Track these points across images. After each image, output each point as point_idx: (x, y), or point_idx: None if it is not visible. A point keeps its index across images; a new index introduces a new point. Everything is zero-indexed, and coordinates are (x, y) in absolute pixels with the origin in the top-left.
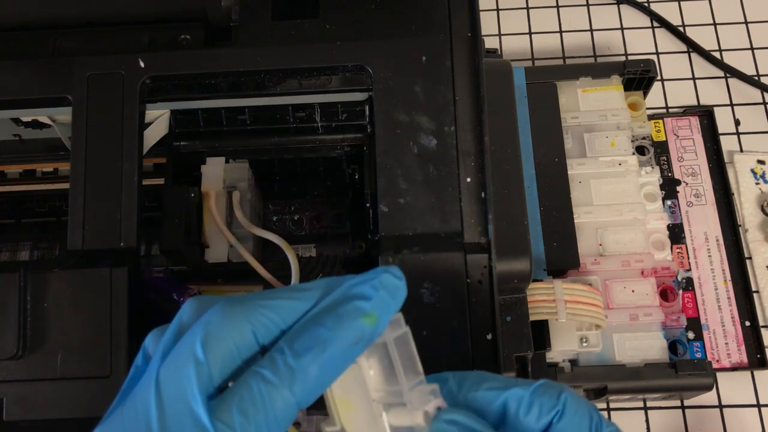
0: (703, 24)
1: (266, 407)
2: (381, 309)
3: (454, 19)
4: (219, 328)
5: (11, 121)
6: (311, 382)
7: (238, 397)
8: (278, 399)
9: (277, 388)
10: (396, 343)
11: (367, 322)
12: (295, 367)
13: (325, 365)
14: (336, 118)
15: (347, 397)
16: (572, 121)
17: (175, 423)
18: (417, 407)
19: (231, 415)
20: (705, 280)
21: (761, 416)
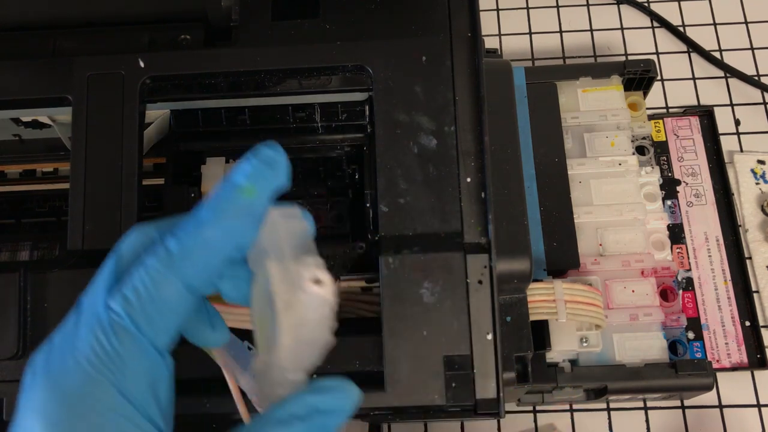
0: (703, 24)
1: (148, 289)
2: (257, 179)
3: (454, 19)
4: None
5: (11, 121)
6: (196, 263)
7: (121, 289)
8: (159, 279)
9: (156, 268)
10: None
11: (244, 194)
12: (174, 250)
13: (207, 244)
14: (336, 118)
15: (262, 314)
16: (572, 121)
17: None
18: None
19: (117, 303)
20: (705, 280)
21: (761, 416)
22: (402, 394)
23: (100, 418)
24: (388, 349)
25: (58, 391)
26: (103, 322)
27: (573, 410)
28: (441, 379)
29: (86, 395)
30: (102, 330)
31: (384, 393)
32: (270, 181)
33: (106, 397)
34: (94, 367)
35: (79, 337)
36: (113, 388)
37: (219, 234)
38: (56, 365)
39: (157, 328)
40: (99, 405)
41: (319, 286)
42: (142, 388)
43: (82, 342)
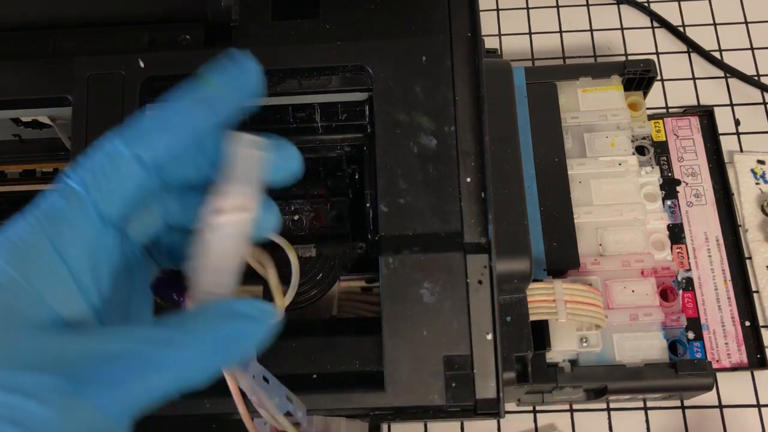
0: (703, 24)
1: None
2: (221, 74)
3: (454, 19)
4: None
5: (11, 121)
6: (150, 139)
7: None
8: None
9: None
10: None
11: (206, 85)
12: (132, 126)
13: (163, 123)
14: (336, 118)
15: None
16: (572, 121)
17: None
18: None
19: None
20: (705, 280)
21: (761, 416)
22: (402, 394)
23: (30, 268)
24: (388, 349)
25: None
26: (57, 185)
27: (573, 410)
28: (441, 379)
29: (23, 246)
30: (52, 190)
31: (384, 393)
32: (234, 78)
33: (43, 252)
34: (37, 220)
35: (36, 201)
36: (50, 245)
37: (174, 116)
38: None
39: (104, 194)
40: (33, 257)
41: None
42: (79, 254)
43: (36, 203)
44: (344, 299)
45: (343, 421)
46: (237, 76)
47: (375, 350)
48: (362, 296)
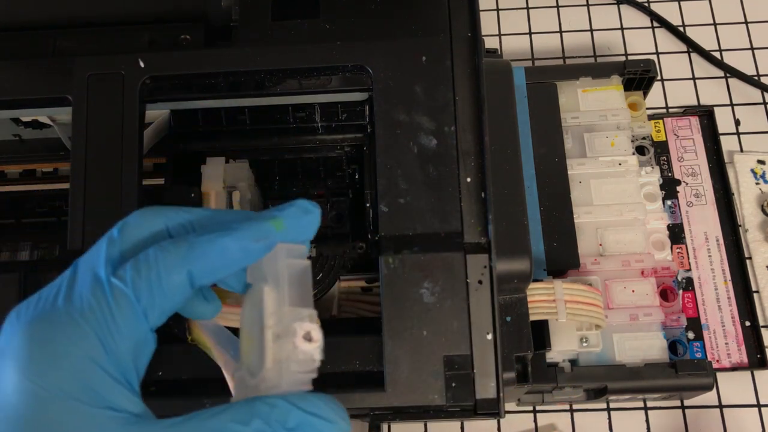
0: (703, 24)
1: (159, 269)
2: (289, 218)
3: (454, 19)
4: (135, 219)
5: (11, 121)
6: (207, 260)
7: (134, 260)
8: (172, 265)
9: (172, 255)
10: (291, 270)
11: (273, 223)
12: (194, 242)
13: (224, 249)
14: (336, 118)
15: (250, 332)
16: (572, 121)
17: (80, 284)
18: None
19: (125, 272)
20: (705, 280)
21: (761, 416)
22: (402, 394)
23: (80, 365)
24: (388, 349)
25: (38, 336)
26: (103, 282)
27: (573, 410)
28: (441, 379)
29: (70, 342)
30: (101, 289)
31: (384, 393)
32: (299, 224)
33: (90, 348)
34: (84, 318)
35: (74, 292)
36: (98, 341)
37: (236, 248)
38: (42, 313)
39: (154, 305)
40: (80, 353)
41: (309, 344)
42: (125, 351)
43: (77, 296)
44: (344, 299)
45: None
46: (303, 227)
47: (375, 350)
48: (362, 296)
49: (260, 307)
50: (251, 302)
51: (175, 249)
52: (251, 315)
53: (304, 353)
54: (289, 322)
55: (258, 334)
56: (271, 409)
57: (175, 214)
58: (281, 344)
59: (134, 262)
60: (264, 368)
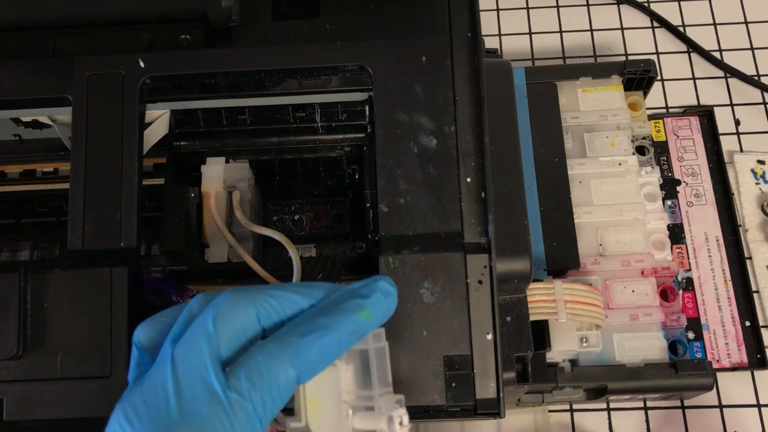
0: (703, 24)
1: (270, 377)
2: (376, 307)
3: (454, 19)
4: (227, 309)
5: (11, 121)
6: (311, 360)
7: (245, 368)
8: (281, 371)
9: (281, 362)
10: (376, 352)
11: (363, 315)
12: (298, 345)
13: (325, 348)
14: (336, 118)
15: (318, 396)
16: (572, 121)
17: (189, 390)
18: (383, 412)
19: (240, 383)
20: (705, 280)
21: (761, 416)
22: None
23: None
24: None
25: None
26: (220, 396)
27: (573, 410)
28: (441, 379)
29: None
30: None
31: None
32: (384, 310)
33: None
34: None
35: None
36: None
37: (335, 345)
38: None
39: (267, 410)
40: None
41: (401, 428)
42: None
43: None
44: None
45: None
46: (386, 310)
47: None
48: None
49: (335, 379)
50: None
51: (283, 355)
52: (320, 382)
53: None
54: (384, 406)
55: (333, 405)
56: None
57: (264, 301)
58: (365, 419)
59: (246, 371)
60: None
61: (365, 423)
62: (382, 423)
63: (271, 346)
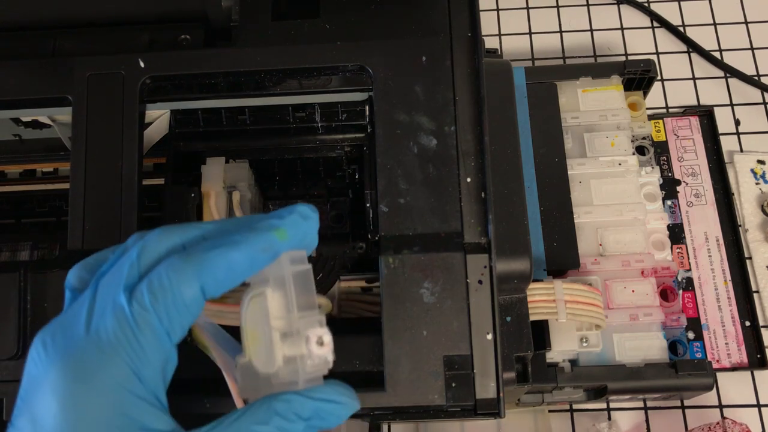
0: (703, 24)
1: (173, 289)
2: (292, 228)
3: (454, 19)
4: (155, 240)
5: (11, 121)
6: (217, 274)
7: (148, 281)
8: (184, 283)
9: (185, 274)
10: (295, 276)
11: (276, 234)
12: (203, 258)
13: (232, 262)
14: (336, 118)
15: (255, 329)
16: (572, 121)
17: (101, 312)
18: (302, 334)
19: (143, 296)
20: (705, 280)
21: (761, 416)
22: (402, 394)
23: (114, 394)
24: (388, 349)
25: (72, 368)
26: (125, 309)
27: (573, 410)
28: (441, 379)
29: (102, 374)
30: (124, 316)
31: (384, 393)
32: (300, 231)
33: (122, 376)
34: (113, 348)
35: (97, 320)
36: (129, 369)
37: (244, 260)
38: (71, 345)
39: (174, 323)
40: (114, 383)
41: (322, 347)
42: (154, 372)
43: (101, 325)
44: (344, 299)
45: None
46: (304, 233)
47: (375, 350)
48: (362, 296)
49: (265, 308)
50: (254, 304)
51: (186, 267)
52: (254, 316)
53: (318, 357)
54: (302, 327)
55: (265, 335)
56: (287, 405)
57: (190, 230)
58: (291, 344)
59: (149, 284)
60: (275, 366)
61: (292, 348)
62: (302, 345)
63: (175, 260)
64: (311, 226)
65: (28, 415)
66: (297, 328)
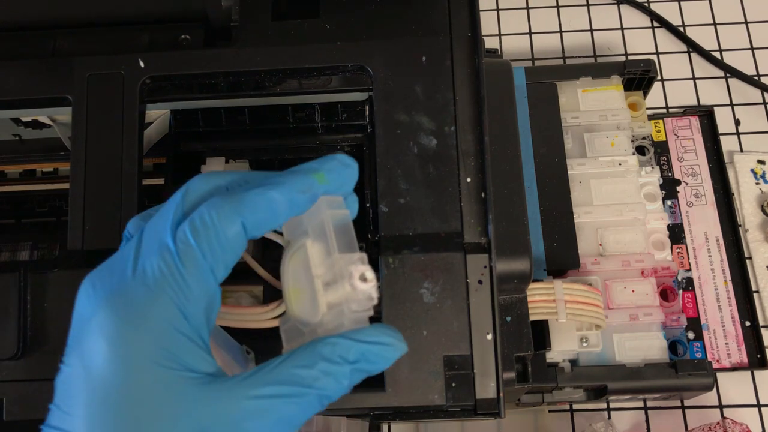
0: (703, 24)
1: (215, 225)
2: (331, 173)
3: (454, 19)
4: (199, 182)
5: (11, 121)
6: (257, 211)
7: (191, 219)
8: (225, 219)
9: (225, 210)
10: (333, 218)
11: (316, 177)
12: (243, 197)
13: (271, 201)
14: (336, 118)
15: (297, 284)
16: (572, 121)
17: (147, 251)
18: (344, 272)
19: (185, 233)
20: (705, 280)
21: (761, 416)
22: (402, 394)
23: (160, 332)
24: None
25: (124, 312)
26: (170, 247)
27: (573, 410)
28: (441, 379)
29: (148, 311)
30: (170, 254)
31: (384, 393)
32: (339, 177)
33: (168, 313)
34: (159, 286)
35: (144, 260)
36: (174, 306)
37: (283, 200)
38: (118, 285)
39: (217, 259)
40: (160, 320)
41: (365, 283)
42: (199, 311)
43: (147, 264)
44: None
45: (343, 421)
46: (344, 180)
47: None
48: None
49: (306, 259)
50: (295, 258)
51: (226, 204)
52: (296, 270)
53: (362, 293)
54: (344, 266)
55: (308, 286)
56: (333, 348)
57: (233, 174)
58: (335, 290)
59: (191, 222)
60: (320, 314)
61: (335, 294)
62: (346, 288)
63: (216, 199)
64: (350, 174)
65: (78, 353)
66: (339, 269)
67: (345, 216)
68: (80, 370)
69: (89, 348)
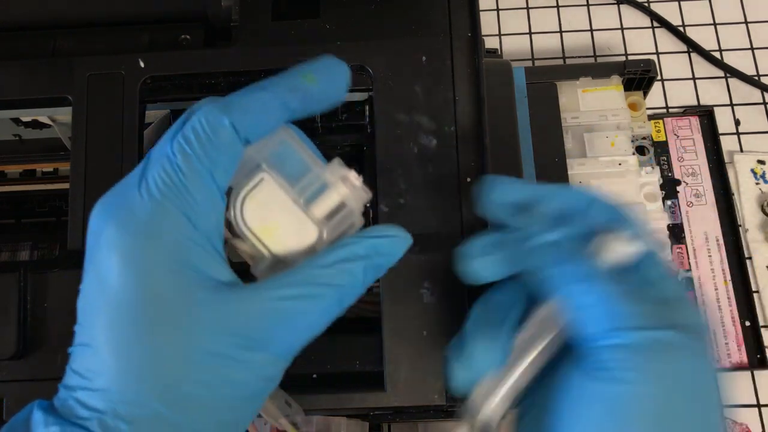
0: (703, 24)
1: (206, 129)
2: (319, 72)
3: (454, 19)
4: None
5: (11, 121)
6: (247, 112)
7: (184, 128)
8: (214, 120)
9: (213, 113)
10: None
11: (306, 78)
12: (231, 99)
13: (261, 100)
14: (336, 118)
15: (267, 222)
16: (572, 121)
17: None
18: (336, 179)
19: (179, 142)
20: (705, 280)
21: (761, 416)
22: (402, 394)
23: (169, 241)
24: (388, 349)
25: (130, 223)
26: (169, 156)
27: None
28: (441, 379)
29: (155, 222)
30: (168, 162)
31: (384, 393)
32: (330, 75)
33: (175, 222)
34: (163, 196)
35: (148, 175)
36: (180, 214)
37: (273, 99)
38: (125, 199)
39: (215, 163)
40: (168, 230)
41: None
42: (206, 218)
43: (151, 177)
44: None
45: (343, 421)
46: (334, 79)
47: (375, 350)
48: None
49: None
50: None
51: (214, 107)
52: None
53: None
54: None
55: (284, 216)
56: (344, 247)
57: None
58: (320, 203)
59: (184, 130)
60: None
61: (323, 204)
62: (339, 190)
63: (207, 105)
64: (340, 72)
65: (93, 269)
66: (325, 178)
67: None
68: (96, 285)
69: (101, 262)
